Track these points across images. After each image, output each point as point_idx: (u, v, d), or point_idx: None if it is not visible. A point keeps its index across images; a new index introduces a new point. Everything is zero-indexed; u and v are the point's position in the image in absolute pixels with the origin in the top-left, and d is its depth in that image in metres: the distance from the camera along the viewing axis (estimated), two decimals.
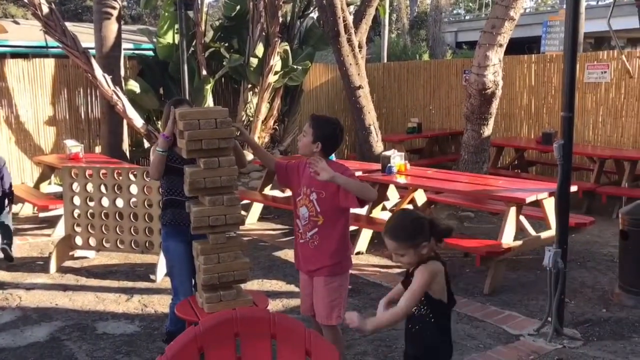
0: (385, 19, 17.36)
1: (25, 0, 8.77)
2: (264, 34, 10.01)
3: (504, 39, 7.68)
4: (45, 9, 8.71)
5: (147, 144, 10.19)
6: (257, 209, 7.94)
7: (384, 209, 6.90)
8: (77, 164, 7.05)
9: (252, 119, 10.33)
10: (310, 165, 3.23)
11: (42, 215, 8.03)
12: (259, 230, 7.59)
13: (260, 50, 9.96)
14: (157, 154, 3.67)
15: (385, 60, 16.85)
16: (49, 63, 10.02)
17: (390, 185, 6.95)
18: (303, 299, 3.56)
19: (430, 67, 12.11)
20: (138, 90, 10.01)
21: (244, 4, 10.43)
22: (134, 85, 10.00)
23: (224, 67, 10.30)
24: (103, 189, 5.93)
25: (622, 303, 4.95)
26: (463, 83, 10.63)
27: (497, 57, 7.72)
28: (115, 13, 9.74)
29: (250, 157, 8.10)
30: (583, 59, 9.30)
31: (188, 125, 3.19)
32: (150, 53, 11.32)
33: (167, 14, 10.29)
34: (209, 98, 10.25)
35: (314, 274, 3.41)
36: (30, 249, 6.84)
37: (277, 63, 9.93)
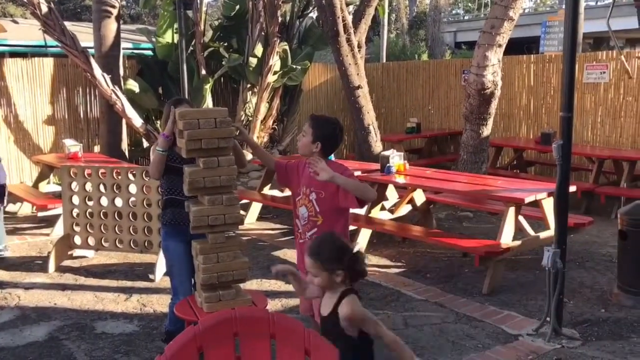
0: (385, 19, 17.40)
1: (24, 0, 8.77)
2: (263, 34, 10.02)
3: (503, 39, 7.69)
4: (44, 8, 8.70)
5: (146, 144, 10.17)
6: (256, 209, 7.94)
7: (383, 209, 6.91)
8: (76, 164, 7.04)
9: (251, 119, 10.34)
10: (310, 165, 3.24)
11: (40, 215, 8.01)
12: (258, 230, 7.59)
13: (260, 50, 9.97)
14: (157, 154, 3.67)
15: (384, 60, 16.88)
16: (48, 62, 10.00)
17: (389, 185, 6.95)
18: (302, 299, 3.56)
19: (429, 67, 12.11)
20: (137, 90, 10.02)
21: (243, 4, 10.44)
22: (133, 85, 10.00)
23: (223, 66, 10.31)
24: (102, 189, 5.92)
25: (620, 303, 4.95)
26: (462, 83, 10.63)
27: (496, 57, 7.73)
28: (115, 12, 9.73)
29: (250, 156, 8.10)
30: (582, 59, 9.29)
31: (188, 125, 3.19)
32: (150, 52, 11.32)
33: (166, 14, 10.29)
34: (208, 98, 10.25)
35: None
36: (29, 248, 6.83)
37: (276, 63, 9.94)
